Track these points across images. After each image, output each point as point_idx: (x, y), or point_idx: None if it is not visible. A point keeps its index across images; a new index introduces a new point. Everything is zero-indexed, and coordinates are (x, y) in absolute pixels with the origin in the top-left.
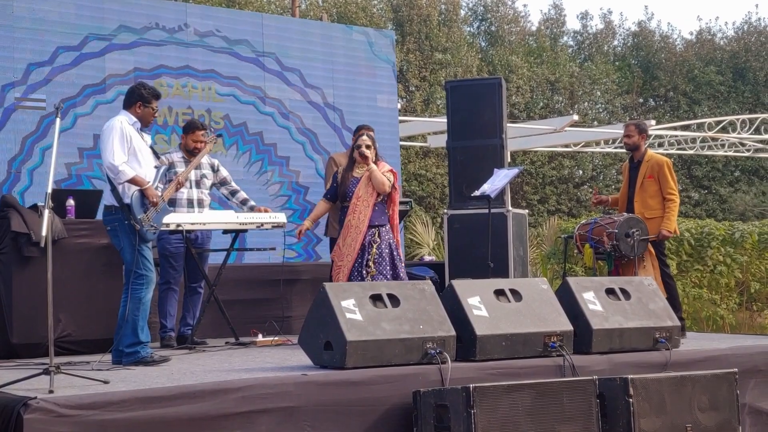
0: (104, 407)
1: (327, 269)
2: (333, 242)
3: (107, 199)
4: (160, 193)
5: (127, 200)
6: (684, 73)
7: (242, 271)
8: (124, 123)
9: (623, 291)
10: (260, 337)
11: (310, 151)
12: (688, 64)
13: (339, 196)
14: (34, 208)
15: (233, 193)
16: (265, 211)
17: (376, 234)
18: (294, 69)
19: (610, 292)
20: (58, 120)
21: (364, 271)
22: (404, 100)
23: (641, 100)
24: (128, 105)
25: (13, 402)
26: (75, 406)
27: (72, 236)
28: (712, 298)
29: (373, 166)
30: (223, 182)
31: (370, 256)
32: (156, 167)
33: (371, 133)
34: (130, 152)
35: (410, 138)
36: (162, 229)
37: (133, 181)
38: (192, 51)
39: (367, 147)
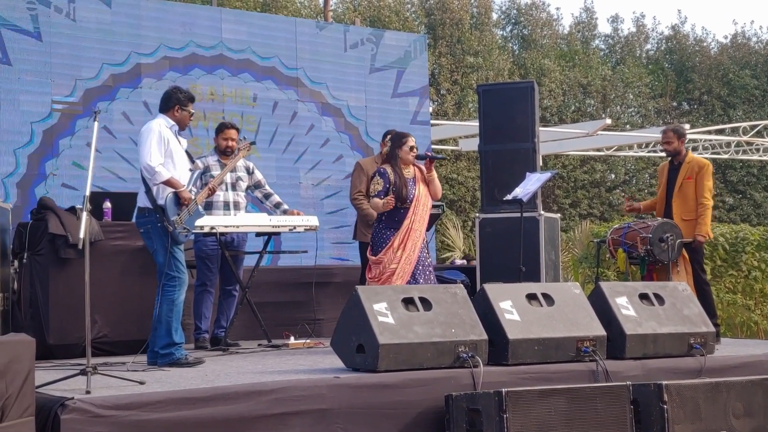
0: (140, 408)
1: (358, 272)
2: (363, 246)
3: (141, 201)
4: (193, 196)
5: (161, 202)
6: (718, 77)
7: (275, 274)
8: (162, 126)
9: (657, 296)
10: (292, 340)
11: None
12: (723, 67)
13: (398, 198)
14: (72, 210)
15: (267, 196)
16: (298, 214)
17: (426, 240)
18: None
19: (643, 297)
20: (96, 124)
21: (423, 279)
22: (436, 103)
23: (675, 104)
24: (165, 108)
25: (50, 402)
26: (112, 406)
27: (108, 238)
28: (746, 303)
29: (434, 172)
30: (257, 185)
31: (426, 261)
32: (190, 170)
33: None
34: (166, 154)
35: (441, 141)
36: (196, 231)
37: (168, 182)
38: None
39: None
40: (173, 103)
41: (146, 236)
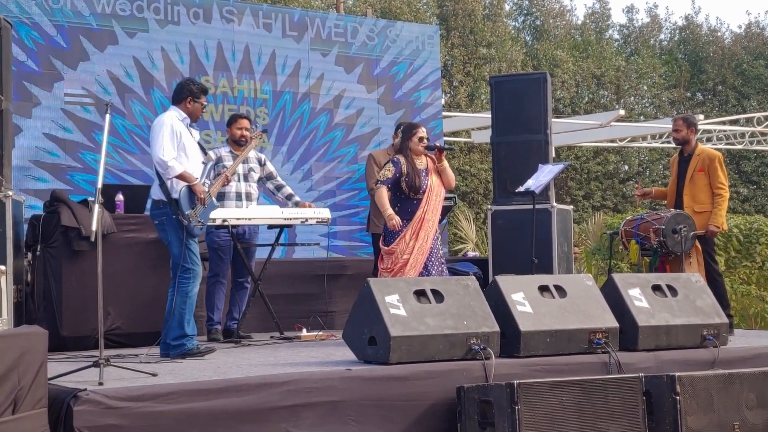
0: (153, 399)
1: (371, 265)
2: (375, 237)
3: (155, 193)
4: (207, 189)
5: (175, 195)
6: (732, 67)
7: (287, 266)
8: (174, 119)
9: (670, 288)
10: (304, 332)
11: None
12: (737, 57)
13: (410, 188)
14: (84, 202)
15: (279, 187)
16: (309, 206)
17: (438, 231)
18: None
19: (656, 288)
20: (107, 117)
21: (435, 270)
22: (448, 95)
23: (689, 95)
24: (178, 100)
25: (63, 394)
26: (124, 398)
27: (121, 231)
28: (760, 294)
29: (445, 161)
30: (269, 176)
31: (437, 252)
32: (203, 163)
33: None
34: (179, 148)
35: (454, 133)
36: (208, 224)
37: (181, 177)
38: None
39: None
40: (186, 94)
41: (161, 228)
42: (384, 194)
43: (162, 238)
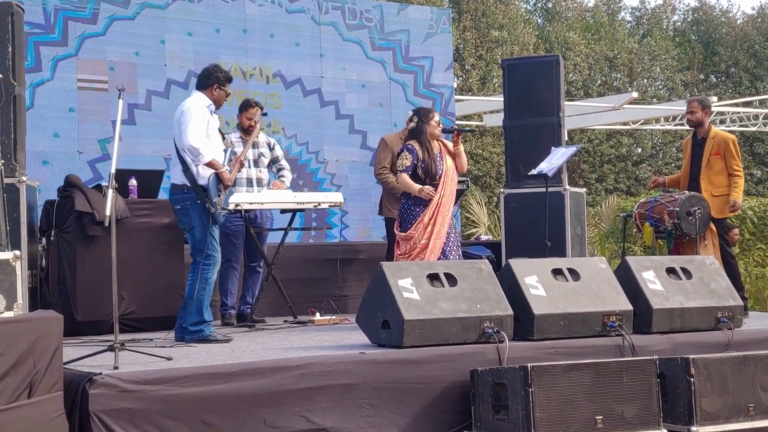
0: (167, 383)
1: (383, 248)
2: (388, 222)
3: (177, 178)
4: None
5: (202, 182)
6: (745, 49)
7: (300, 251)
8: (201, 105)
9: (684, 270)
10: (318, 316)
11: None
12: (750, 39)
13: (426, 174)
14: (98, 187)
15: (279, 170)
16: (280, 186)
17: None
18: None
19: (670, 271)
20: (120, 102)
21: (453, 255)
22: (460, 79)
23: (702, 77)
24: (204, 86)
25: (79, 378)
26: (139, 381)
27: (134, 216)
28: None
29: (461, 146)
30: (275, 160)
31: (454, 237)
32: (224, 150)
33: None
34: (206, 134)
35: (466, 117)
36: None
37: (210, 164)
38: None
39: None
40: (212, 81)
41: (182, 213)
42: (407, 178)
43: (182, 222)
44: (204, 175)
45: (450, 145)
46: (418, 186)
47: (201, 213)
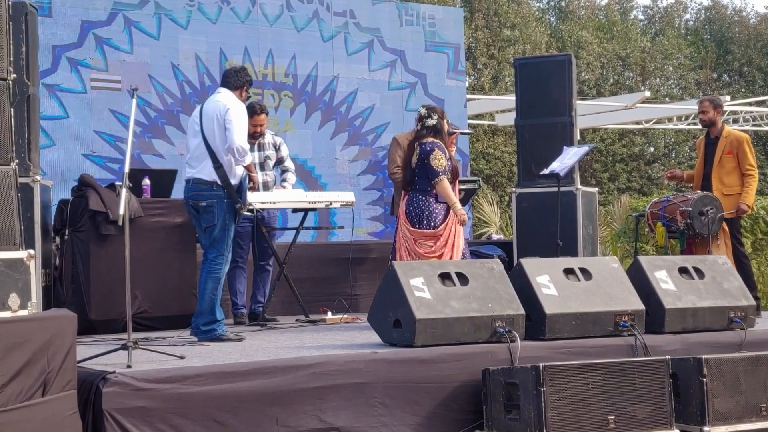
0: (180, 381)
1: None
2: None
3: (207, 174)
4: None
5: (234, 181)
6: (758, 48)
7: (312, 250)
8: (242, 105)
9: (697, 270)
10: (329, 315)
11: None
12: (763, 38)
13: (452, 173)
14: (111, 187)
15: (283, 171)
16: (282, 188)
17: None
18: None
19: (683, 271)
20: (134, 101)
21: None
22: (472, 78)
23: (715, 76)
24: (235, 86)
25: (92, 376)
26: (152, 380)
27: (147, 215)
28: None
29: (453, 147)
30: (280, 161)
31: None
32: None
33: None
34: None
35: (478, 116)
36: None
37: (247, 166)
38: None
39: None
40: (242, 83)
41: (208, 210)
42: (448, 185)
43: (205, 219)
44: (238, 173)
45: None
46: (459, 205)
47: (227, 211)
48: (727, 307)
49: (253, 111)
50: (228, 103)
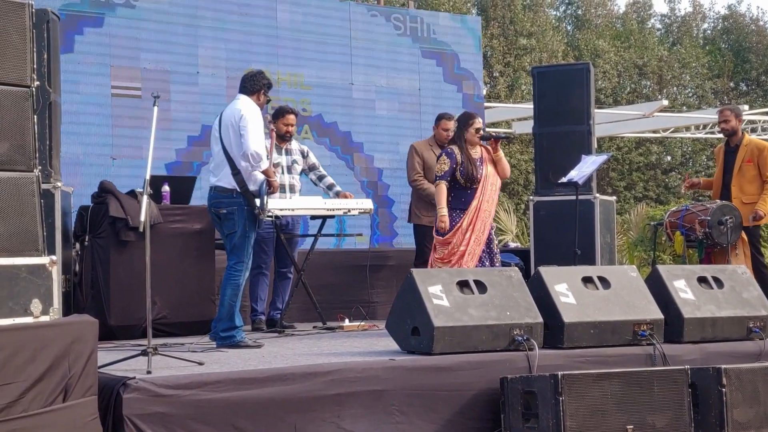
0: (200, 388)
1: (412, 255)
2: (417, 229)
3: (225, 181)
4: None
5: (253, 187)
6: None
7: (329, 257)
8: (257, 111)
9: (716, 279)
10: (347, 322)
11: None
12: None
13: (466, 178)
14: (131, 193)
15: (321, 178)
16: (349, 196)
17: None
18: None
19: (702, 280)
20: (155, 109)
21: (489, 261)
22: (488, 86)
23: (732, 85)
24: (252, 91)
25: (112, 382)
26: (172, 386)
27: (167, 221)
28: None
29: (500, 152)
30: (312, 168)
31: (494, 246)
32: None
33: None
34: None
35: (494, 124)
36: None
37: (266, 171)
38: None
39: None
40: (259, 87)
41: (228, 217)
42: (443, 191)
43: (226, 227)
44: (256, 179)
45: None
46: (444, 211)
47: (246, 218)
48: (746, 316)
49: (283, 111)
50: (243, 110)
